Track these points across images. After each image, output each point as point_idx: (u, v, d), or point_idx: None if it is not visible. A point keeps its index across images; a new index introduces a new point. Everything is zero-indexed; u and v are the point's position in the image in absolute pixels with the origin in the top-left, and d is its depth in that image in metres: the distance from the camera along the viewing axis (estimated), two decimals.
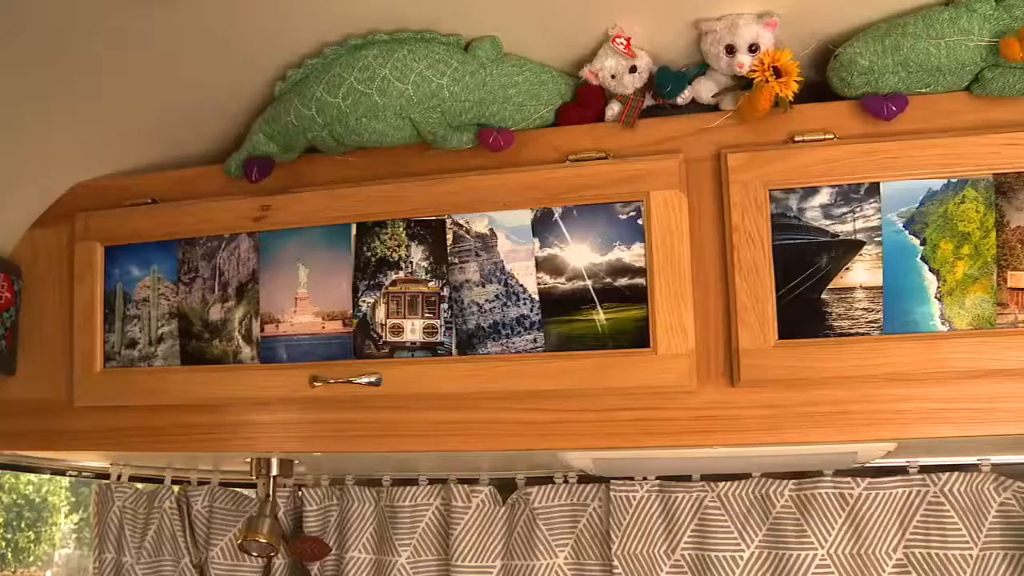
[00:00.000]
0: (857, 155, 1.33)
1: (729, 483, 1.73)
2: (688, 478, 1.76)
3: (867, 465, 1.67)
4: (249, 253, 1.52)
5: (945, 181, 1.32)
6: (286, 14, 1.37)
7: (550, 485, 1.80)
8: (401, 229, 1.45)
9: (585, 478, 1.80)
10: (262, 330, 1.51)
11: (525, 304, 1.40)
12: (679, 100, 1.41)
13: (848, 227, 1.33)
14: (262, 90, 1.52)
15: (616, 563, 1.73)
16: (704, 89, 1.40)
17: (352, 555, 1.85)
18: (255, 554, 1.77)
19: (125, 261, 1.60)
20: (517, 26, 1.40)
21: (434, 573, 1.83)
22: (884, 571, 1.65)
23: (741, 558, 1.70)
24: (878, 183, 1.32)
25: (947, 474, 1.67)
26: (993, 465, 1.68)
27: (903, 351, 1.30)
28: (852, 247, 1.32)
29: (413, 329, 1.44)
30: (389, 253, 1.46)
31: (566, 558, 1.78)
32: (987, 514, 1.65)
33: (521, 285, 1.40)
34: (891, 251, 1.32)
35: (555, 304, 1.39)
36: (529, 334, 1.39)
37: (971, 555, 1.63)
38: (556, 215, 1.39)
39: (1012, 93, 1.32)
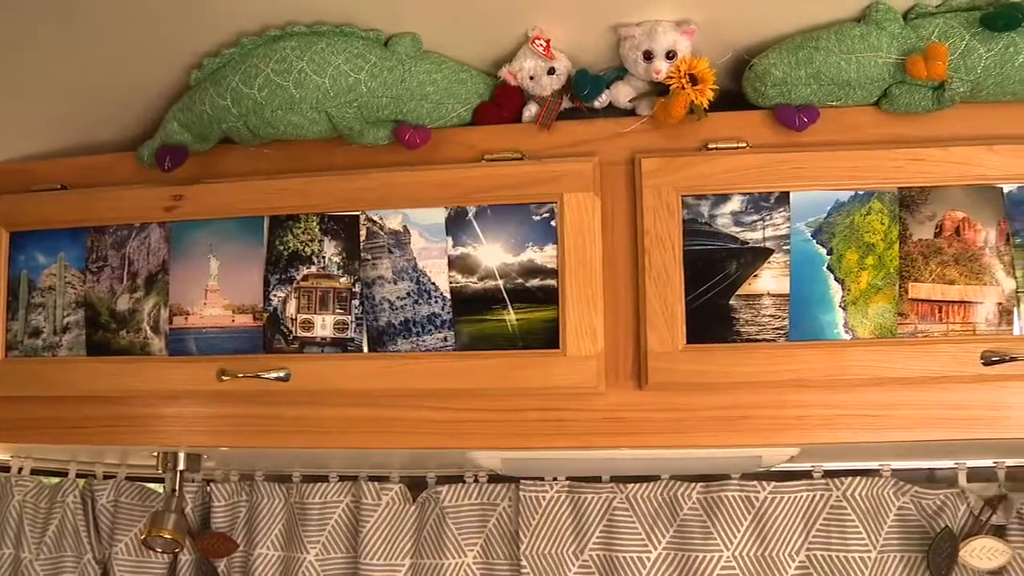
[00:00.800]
0: (768, 164, 1.35)
1: (638, 485, 1.75)
2: (598, 479, 1.77)
3: (773, 469, 1.70)
4: (160, 243, 1.50)
5: (852, 193, 1.35)
6: (204, 1, 1.35)
7: (460, 484, 1.80)
8: (314, 223, 1.44)
9: (495, 478, 1.79)
10: (171, 322, 1.48)
11: (436, 302, 1.39)
12: (596, 103, 1.42)
13: (758, 235, 1.35)
14: (178, 78, 1.50)
15: (524, 563, 1.74)
16: (621, 93, 1.41)
17: (260, 552, 1.82)
18: (159, 550, 1.74)
19: (31, 247, 1.56)
20: (437, 23, 1.39)
21: (342, 571, 1.81)
22: (787, 573, 1.68)
23: (648, 559, 1.72)
24: (788, 192, 1.35)
25: (849, 479, 1.70)
26: (893, 470, 1.72)
27: (807, 358, 1.33)
28: (761, 254, 1.35)
29: (324, 325, 1.43)
30: (302, 247, 1.44)
31: (475, 557, 1.78)
32: (886, 518, 1.68)
33: (433, 283, 1.40)
34: (799, 259, 1.34)
35: (466, 303, 1.39)
36: (440, 332, 1.39)
37: (869, 557, 1.67)
38: (470, 214, 1.39)
39: (917, 110, 1.36)
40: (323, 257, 1.43)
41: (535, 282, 1.37)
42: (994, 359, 1.30)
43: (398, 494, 1.80)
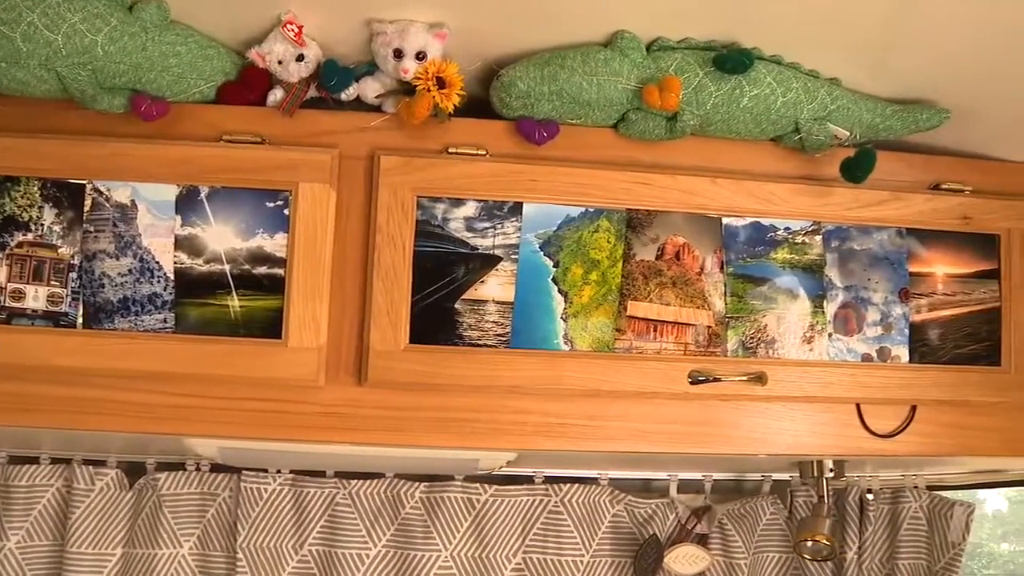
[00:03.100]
0: (505, 174, 1.39)
1: (361, 481, 1.75)
2: (322, 474, 1.76)
3: (496, 473, 1.74)
4: None
5: (583, 209, 1.40)
6: None
7: (180, 472, 1.73)
8: (35, 188, 1.36)
9: (218, 467, 1.75)
10: None
11: (159, 282, 1.35)
12: (343, 96, 1.41)
13: (488, 242, 1.38)
14: None
15: (241, 555, 1.70)
16: (369, 89, 1.41)
17: None
18: None
19: None
20: None
21: (46, 560, 1.70)
22: (502, 574, 1.73)
23: (368, 555, 1.72)
24: (521, 203, 1.39)
25: (568, 485, 1.77)
26: (611, 479, 1.79)
27: (527, 365, 1.37)
28: (489, 261, 1.38)
29: (36, 296, 1.35)
30: (19, 212, 1.36)
31: (191, 548, 1.72)
32: (601, 524, 1.76)
33: (157, 262, 1.35)
34: (525, 269, 1.38)
35: (190, 285, 1.35)
36: (160, 313, 1.34)
37: (582, 561, 1.74)
38: (202, 194, 1.35)
39: (651, 137, 1.42)
40: (42, 225, 1.36)
41: (262, 270, 1.35)
42: (700, 379, 1.39)
43: (113, 480, 1.72)
